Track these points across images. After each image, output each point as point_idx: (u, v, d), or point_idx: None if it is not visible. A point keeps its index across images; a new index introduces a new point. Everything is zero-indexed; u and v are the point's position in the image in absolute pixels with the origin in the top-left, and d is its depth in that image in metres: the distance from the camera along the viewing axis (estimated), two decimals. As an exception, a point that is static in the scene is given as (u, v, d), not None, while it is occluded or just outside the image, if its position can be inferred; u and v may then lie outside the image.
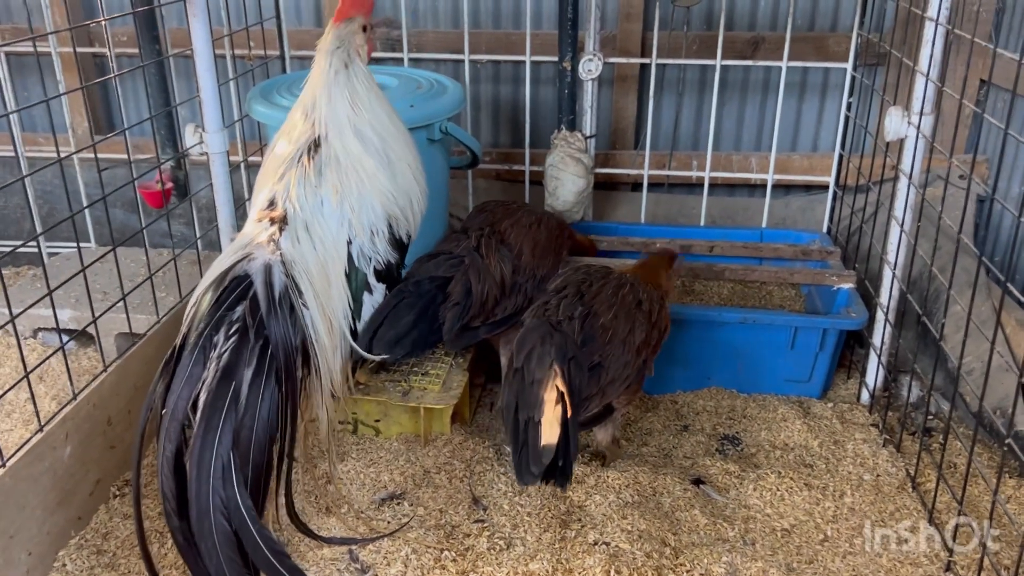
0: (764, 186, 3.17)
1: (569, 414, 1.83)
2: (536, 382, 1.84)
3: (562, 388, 1.83)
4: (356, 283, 1.97)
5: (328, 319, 1.82)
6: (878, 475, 2.17)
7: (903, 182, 2.24)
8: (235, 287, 1.69)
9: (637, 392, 2.18)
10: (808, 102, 3.44)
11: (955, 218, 1.86)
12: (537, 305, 2.09)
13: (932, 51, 2.08)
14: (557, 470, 1.85)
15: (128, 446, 2.15)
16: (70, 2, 3.37)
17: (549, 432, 1.82)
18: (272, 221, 1.85)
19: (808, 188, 3.45)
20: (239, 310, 1.66)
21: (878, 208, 2.59)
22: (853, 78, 2.87)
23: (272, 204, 1.88)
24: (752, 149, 3.52)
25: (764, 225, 3.11)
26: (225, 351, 1.60)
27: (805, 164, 3.39)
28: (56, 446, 1.86)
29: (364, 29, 2.03)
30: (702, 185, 3.17)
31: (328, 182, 1.92)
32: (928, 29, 2.08)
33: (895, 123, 2.20)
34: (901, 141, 2.23)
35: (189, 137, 2.40)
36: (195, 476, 1.51)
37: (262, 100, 2.44)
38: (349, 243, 1.94)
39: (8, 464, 1.73)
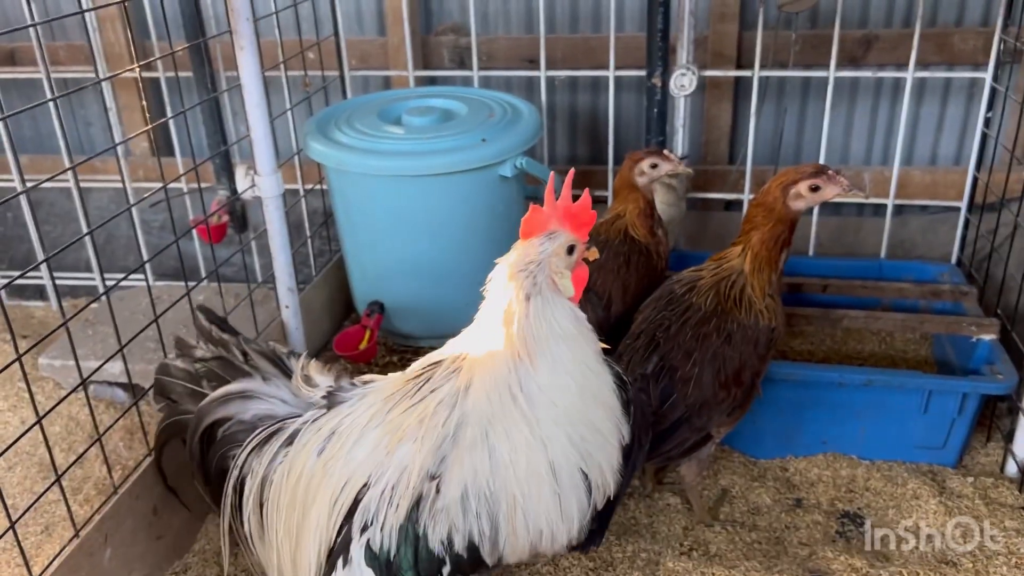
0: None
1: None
2: None
3: None
4: None
5: None
6: (1039, 578, 1.84)
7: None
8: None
9: (741, 416, 1.97)
10: (926, 107, 3.04)
11: None
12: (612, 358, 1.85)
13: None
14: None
15: (176, 533, 1.93)
16: (126, 22, 3.19)
17: None
18: None
19: (924, 206, 3.05)
20: None
21: (1015, 231, 2.23)
22: (993, 89, 2.46)
23: None
24: (862, 163, 3.14)
25: (883, 253, 2.74)
26: None
27: (926, 179, 2.99)
28: (94, 552, 1.66)
29: (571, 251, 1.38)
30: (807, 206, 2.81)
31: None
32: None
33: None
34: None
35: (241, 180, 2.19)
36: None
37: (319, 136, 2.20)
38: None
39: (39, 581, 1.54)
